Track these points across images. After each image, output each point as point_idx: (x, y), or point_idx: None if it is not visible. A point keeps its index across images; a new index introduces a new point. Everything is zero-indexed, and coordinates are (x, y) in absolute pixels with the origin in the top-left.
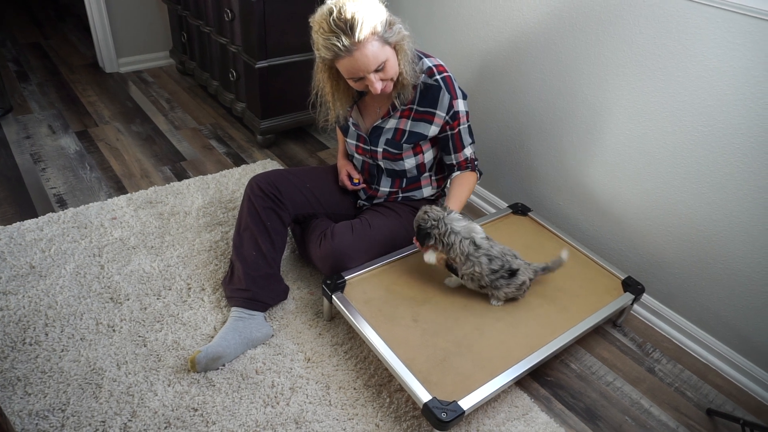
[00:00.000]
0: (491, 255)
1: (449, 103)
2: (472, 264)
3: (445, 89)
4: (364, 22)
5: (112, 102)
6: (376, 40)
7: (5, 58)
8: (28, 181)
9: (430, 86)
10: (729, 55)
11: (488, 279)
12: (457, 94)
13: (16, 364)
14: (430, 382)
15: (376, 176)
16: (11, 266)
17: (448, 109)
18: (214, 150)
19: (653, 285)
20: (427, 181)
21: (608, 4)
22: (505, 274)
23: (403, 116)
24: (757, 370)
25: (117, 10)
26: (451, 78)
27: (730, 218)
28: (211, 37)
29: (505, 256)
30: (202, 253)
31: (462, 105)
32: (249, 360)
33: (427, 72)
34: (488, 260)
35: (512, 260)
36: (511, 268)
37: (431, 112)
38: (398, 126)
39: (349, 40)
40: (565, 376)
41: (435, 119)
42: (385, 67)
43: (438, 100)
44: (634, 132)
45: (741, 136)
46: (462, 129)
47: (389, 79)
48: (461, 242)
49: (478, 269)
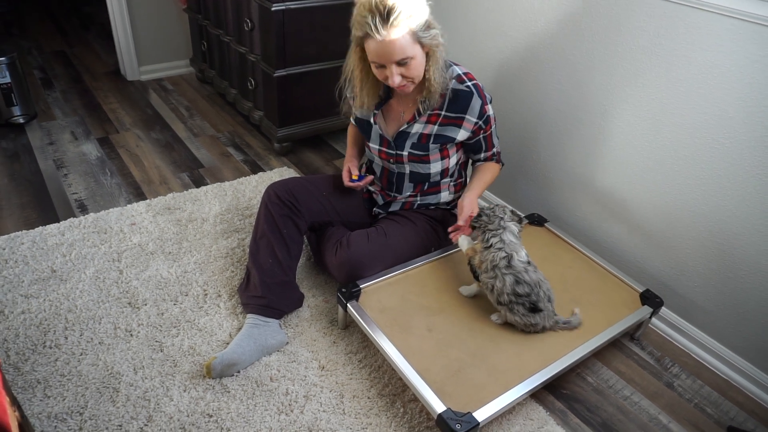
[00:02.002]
0: (521, 279)
1: (481, 109)
2: (495, 277)
3: (477, 95)
4: (402, 13)
5: (132, 109)
6: (408, 34)
7: (31, 66)
8: (50, 186)
9: (460, 92)
10: (752, 66)
11: (507, 298)
12: (487, 100)
13: (37, 367)
14: (444, 393)
15: (395, 184)
16: (33, 270)
17: (480, 115)
18: (231, 157)
19: (672, 298)
20: (445, 186)
21: (622, 14)
22: (527, 304)
23: (430, 122)
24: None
25: (139, 20)
26: (480, 85)
27: (751, 231)
28: (230, 47)
29: (538, 289)
30: (218, 260)
31: (491, 110)
32: (264, 367)
33: (457, 78)
34: (514, 281)
35: (543, 298)
36: (536, 305)
37: (461, 117)
38: (423, 131)
39: (383, 23)
40: (581, 389)
41: (465, 123)
42: (409, 64)
43: (469, 106)
44: (652, 142)
45: (765, 148)
46: (493, 131)
47: (410, 80)
48: (498, 252)
49: (499, 284)
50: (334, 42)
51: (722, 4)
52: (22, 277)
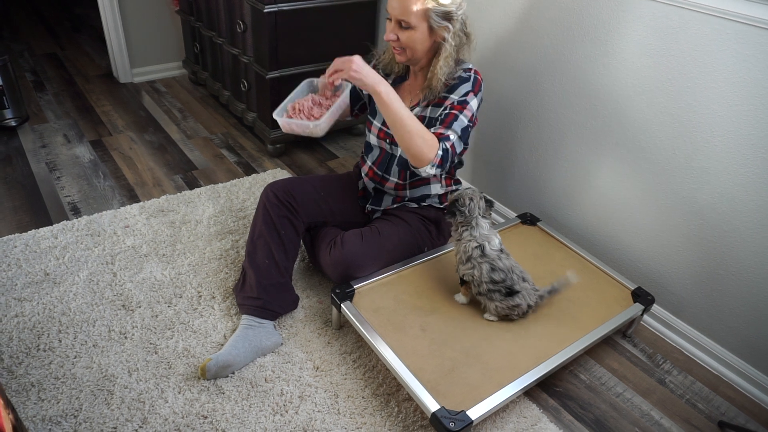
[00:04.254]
0: (496, 266)
1: (465, 93)
2: (473, 267)
3: (470, 83)
4: None
5: (125, 111)
6: (421, 6)
7: (22, 69)
8: (43, 189)
9: (461, 77)
10: (740, 65)
11: (485, 287)
12: (476, 94)
13: (31, 370)
14: (438, 392)
15: (386, 164)
16: (26, 273)
17: (461, 96)
18: (225, 159)
19: (663, 296)
20: (436, 179)
21: (618, 16)
22: (503, 290)
23: (429, 105)
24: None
25: (132, 22)
26: (480, 81)
27: (741, 228)
28: (223, 48)
29: (512, 274)
30: (212, 261)
31: (474, 103)
32: (258, 368)
33: (465, 69)
34: (490, 269)
35: (517, 280)
36: (511, 288)
37: (447, 96)
38: (421, 114)
39: None
40: (574, 386)
41: (446, 102)
42: (409, 32)
43: (458, 87)
44: (644, 142)
45: (752, 147)
46: (460, 116)
47: (403, 49)
48: (469, 243)
49: (477, 273)
50: (327, 43)
51: (709, 4)
52: (16, 281)
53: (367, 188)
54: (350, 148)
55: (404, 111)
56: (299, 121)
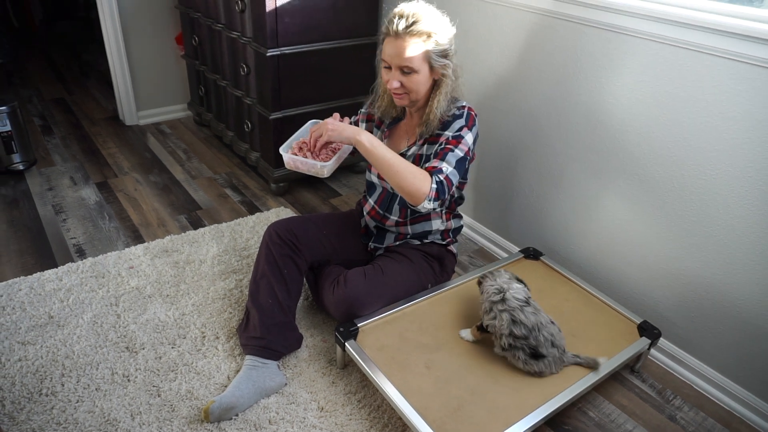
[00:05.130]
0: (517, 318)
1: (459, 128)
2: (494, 316)
3: (464, 119)
4: (422, 25)
5: (131, 153)
6: (421, 49)
7: (31, 114)
8: (49, 231)
9: (455, 114)
10: (732, 101)
11: (506, 341)
12: (470, 129)
13: (32, 416)
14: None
15: (387, 204)
16: (30, 316)
17: (456, 132)
18: (229, 198)
19: (670, 329)
20: (436, 215)
21: (614, 53)
22: (526, 348)
23: (426, 143)
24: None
25: (138, 66)
26: (474, 116)
27: (744, 261)
28: (227, 90)
29: (539, 332)
30: (216, 301)
31: (469, 137)
32: (262, 409)
33: (459, 107)
34: (510, 320)
35: (543, 342)
36: (537, 350)
37: (442, 133)
38: (418, 152)
39: (403, 27)
40: (583, 424)
41: (441, 138)
42: (412, 76)
43: (452, 124)
44: (644, 176)
45: (749, 179)
46: (455, 151)
47: (407, 93)
48: (491, 287)
49: (498, 324)
50: (329, 84)
51: (702, 43)
52: (20, 324)
53: (369, 226)
54: (353, 186)
55: (389, 153)
56: (305, 160)
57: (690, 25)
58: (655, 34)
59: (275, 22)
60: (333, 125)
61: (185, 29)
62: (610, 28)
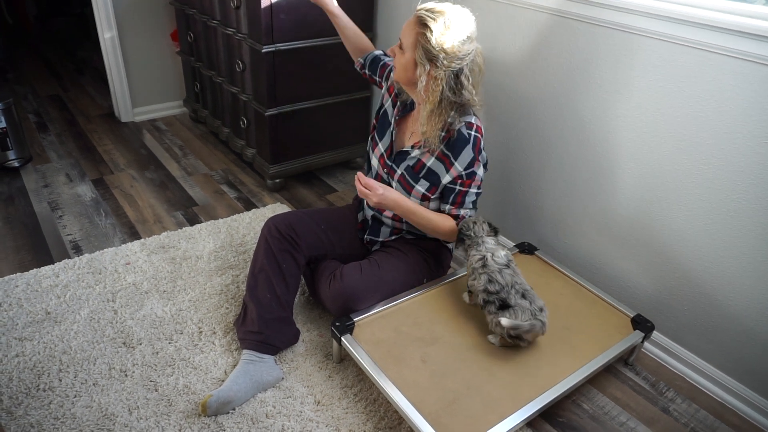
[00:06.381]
0: (494, 278)
1: (470, 162)
2: (475, 278)
3: (471, 147)
4: (430, 19)
5: (127, 150)
6: (420, 37)
7: (26, 111)
8: (45, 228)
9: (462, 135)
10: (725, 95)
11: (481, 298)
12: (480, 159)
13: (30, 411)
14: (440, 424)
15: None
16: (27, 312)
17: (467, 167)
18: (225, 195)
19: (663, 322)
20: None
21: (610, 51)
22: (497, 302)
23: (430, 151)
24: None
25: (133, 63)
26: (480, 141)
27: (737, 254)
28: (223, 87)
29: (510, 288)
30: (213, 297)
31: (480, 171)
32: (259, 403)
33: (467, 124)
34: (488, 280)
35: (514, 296)
36: (505, 301)
37: (451, 160)
38: (421, 158)
39: (421, 5)
40: (577, 416)
41: (452, 169)
42: (402, 54)
43: (461, 152)
44: (638, 171)
45: (743, 173)
46: (471, 191)
47: (396, 66)
48: (474, 256)
49: (476, 284)
50: (324, 80)
51: (705, 41)
52: (17, 320)
53: (366, 218)
54: (349, 182)
55: (422, 213)
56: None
57: (701, 24)
58: (664, 34)
59: (270, 19)
60: (378, 199)
61: (180, 25)
62: (607, 25)
